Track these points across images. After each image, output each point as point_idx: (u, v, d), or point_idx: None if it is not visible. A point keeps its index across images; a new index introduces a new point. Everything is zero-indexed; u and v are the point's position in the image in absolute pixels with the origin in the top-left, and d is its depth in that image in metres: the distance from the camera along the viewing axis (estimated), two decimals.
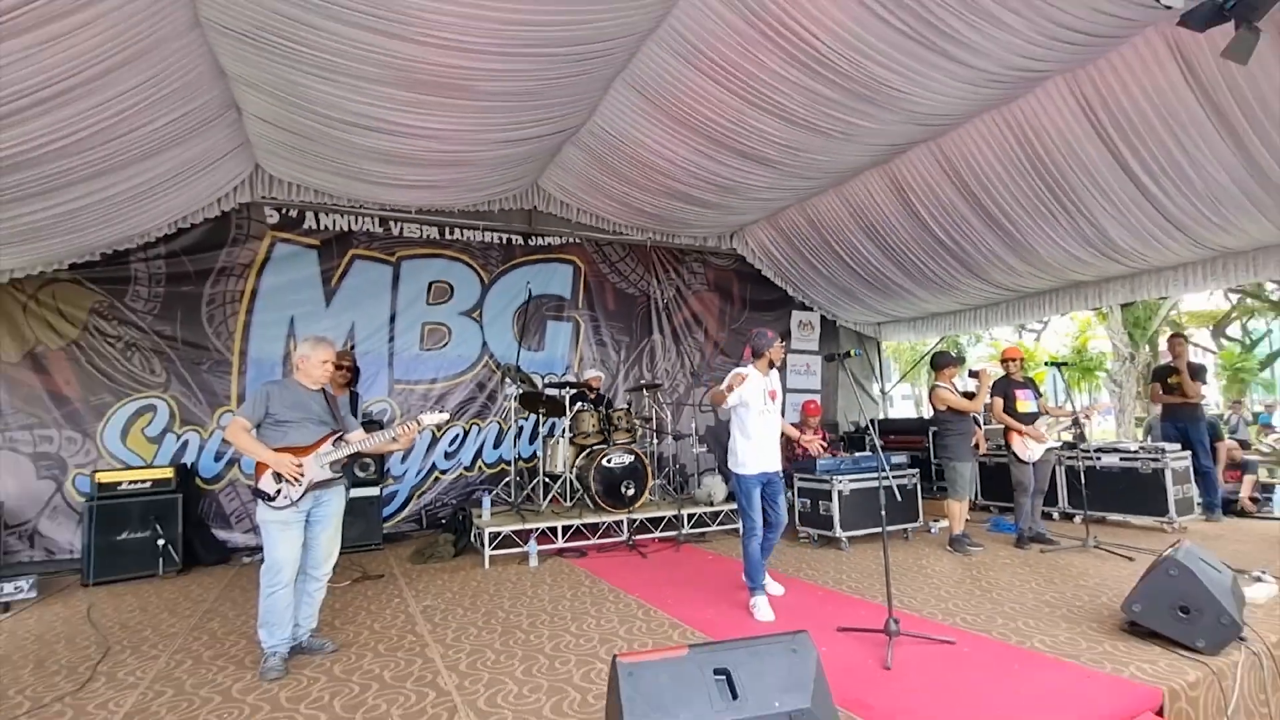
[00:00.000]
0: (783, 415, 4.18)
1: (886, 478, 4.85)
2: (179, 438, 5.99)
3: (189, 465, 5.89)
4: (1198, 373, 6.51)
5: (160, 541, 5.15)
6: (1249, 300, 20.34)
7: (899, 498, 5.29)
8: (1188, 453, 5.89)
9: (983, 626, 3.47)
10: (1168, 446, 5.70)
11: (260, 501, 3.22)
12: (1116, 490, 5.88)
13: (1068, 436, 6.10)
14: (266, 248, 6.42)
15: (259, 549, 5.85)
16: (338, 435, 3.42)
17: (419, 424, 3.41)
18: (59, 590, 4.93)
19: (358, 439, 3.45)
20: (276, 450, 3.22)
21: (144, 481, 5.29)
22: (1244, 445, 8.68)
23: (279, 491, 3.21)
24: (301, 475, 3.24)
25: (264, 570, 3.25)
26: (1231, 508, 6.40)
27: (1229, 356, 21.96)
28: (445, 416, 3.72)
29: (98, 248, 5.65)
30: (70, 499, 5.58)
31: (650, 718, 1.89)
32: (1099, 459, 6.00)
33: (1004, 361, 5.75)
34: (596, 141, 6.29)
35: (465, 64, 4.51)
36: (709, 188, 6.86)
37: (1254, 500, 6.58)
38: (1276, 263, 5.66)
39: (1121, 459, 5.91)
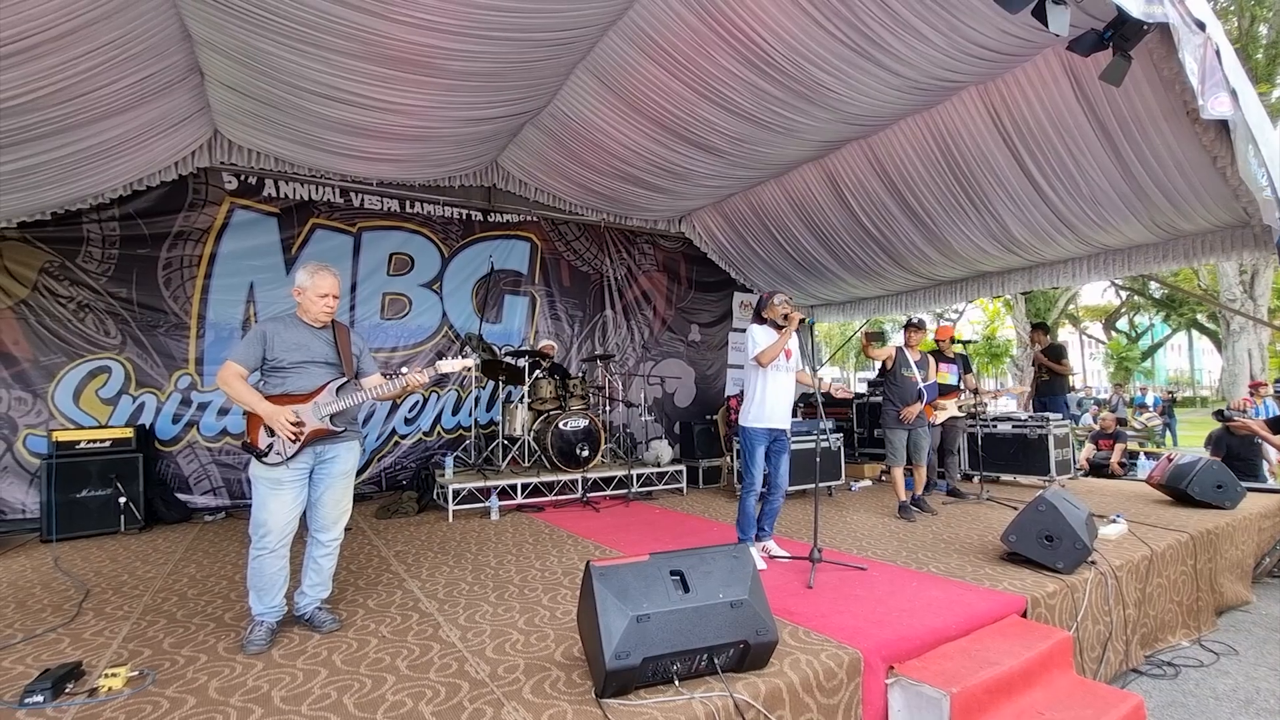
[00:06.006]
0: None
1: (825, 439, 5.44)
2: (135, 399, 6.00)
3: (147, 427, 5.93)
4: (1056, 353, 7.61)
5: (122, 499, 5.23)
6: (1136, 297, 22.63)
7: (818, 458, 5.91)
8: (1068, 422, 6.81)
9: (889, 558, 4.11)
10: (1051, 416, 6.59)
11: (252, 457, 2.92)
12: (1008, 453, 6.74)
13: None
14: (225, 213, 6.44)
15: (221, 509, 6.08)
16: (342, 382, 3.03)
17: (436, 369, 3.12)
18: (18, 546, 4.97)
19: (371, 385, 3.11)
20: (272, 399, 2.89)
21: (103, 441, 5.34)
22: (1121, 422, 9.95)
23: (270, 446, 2.87)
24: (300, 431, 2.89)
25: (250, 529, 2.93)
26: (1103, 470, 7.42)
27: (1116, 346, 24.43)
28: (469, 362, 3.32)
29: (50, 207, 5.57)
30: (21, 459, 5.54)
31: (619, 607, 2.33)
32: (995, 426, 6.86)
33: (936, 340, 6.53)
34: (556, 124, 6.59)
35: (436, 43, 4.74)
36: (660, 173, 7.28)
37: (1121, 465, 7.67)
38: (1145, 260, 6.54)
39: (1013, 426, 6.77)
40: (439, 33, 4.59)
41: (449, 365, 3.17)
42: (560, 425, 6.17)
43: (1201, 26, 3.89)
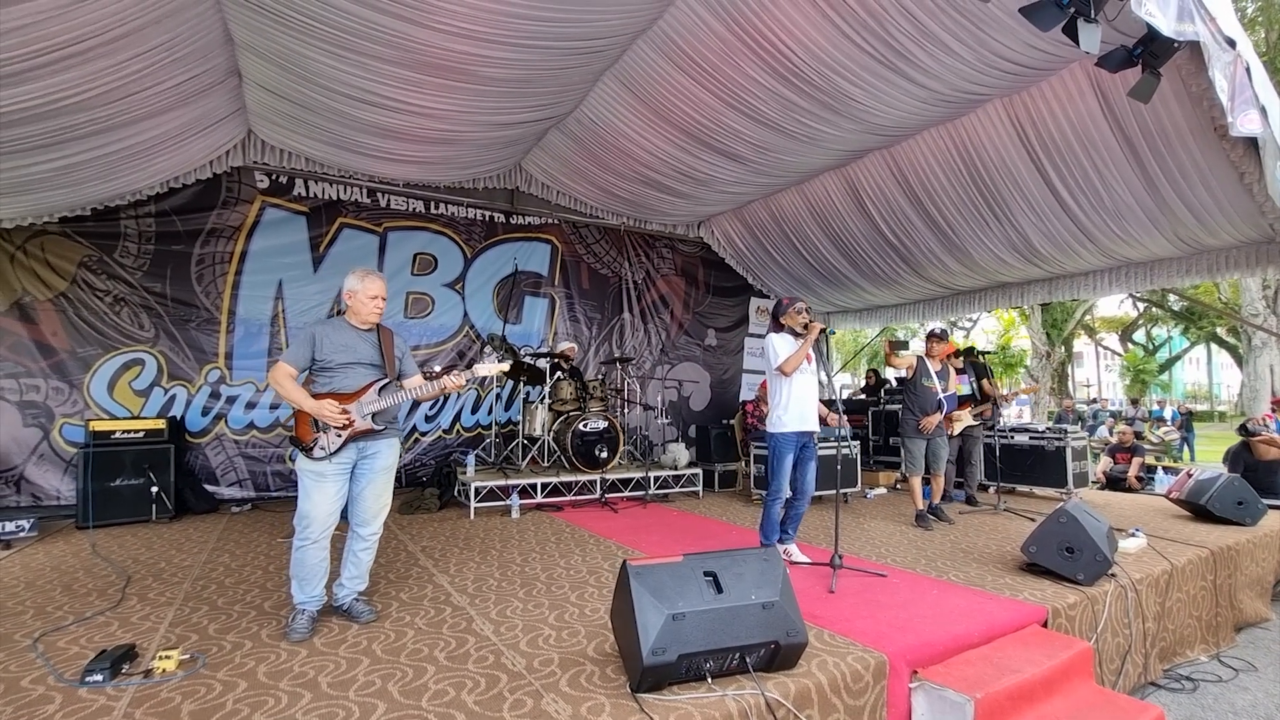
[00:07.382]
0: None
1: (846, 446, 5.48)
2: (166, 391, 6.16)
3: (178, 419, 6.06)
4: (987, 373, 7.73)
5: (154, 489, 5.36)
6: (1154, 309, 22.44)
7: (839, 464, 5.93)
8: (1086, 434, 6.82)
9: (909, 565, 4.15)
10: (1069, 428, 6.59)
11: (298, 452, 3.06)
12: (1025, 465, 6.76)
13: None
14: (256, 211, 6.59)
15: (246, 501, 6.21)
16: (385, 382, 3.17)
17: (474, 373, 3.25)
18: (55, 532, 5.12)
19: (412, 386, 3.22)
20: (319, 398, 3.04)
21: (137, 431, 5.48)
22: (1138, 435, 9.92)
23: (316, 441, 3.02)
24: (349, 422, 3.04)
25: (295, 520, 3.06)
26: (1120, 484, 7.42)
27: (1132, 359, 24.17)
28: (504, 366, 3.45)
29: (90, 203, 5.73)
30: (58, 447, 5.70)
31: (655, 606, 2.40)
32: (1012, 437, 6.87)
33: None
34: (581, 129, 6.68)
35: (471, 50, 4.84)
36: (682, 178, 7.35)
37: (1139, 479, 7.65)
38: (1167, 273, 6.54)
39: (1031, 438, 6.79)
40: (476, 40, 4.69)
41: (485, 369, 3.31)
42: (580, 426, 6.25)
43: (1232, 44, 3.90)
